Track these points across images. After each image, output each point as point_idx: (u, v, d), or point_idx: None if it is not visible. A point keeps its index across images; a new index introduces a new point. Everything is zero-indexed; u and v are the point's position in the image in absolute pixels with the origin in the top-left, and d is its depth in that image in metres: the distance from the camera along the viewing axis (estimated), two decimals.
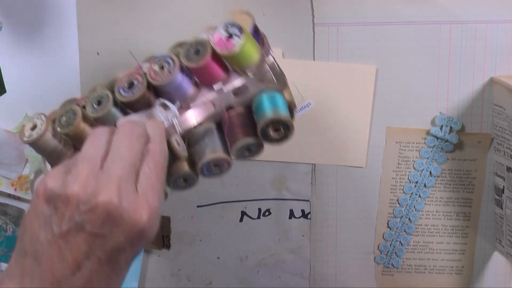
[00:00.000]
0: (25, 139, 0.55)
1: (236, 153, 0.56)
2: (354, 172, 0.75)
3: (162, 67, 0.55)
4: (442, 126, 0.74)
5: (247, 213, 0.77)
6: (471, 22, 0.71)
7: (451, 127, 0.74)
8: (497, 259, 0.78)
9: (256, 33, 0.57)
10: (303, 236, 0.78)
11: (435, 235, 0.77)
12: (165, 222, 0.77)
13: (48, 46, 0.73)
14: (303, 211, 0.77)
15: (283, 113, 0.55)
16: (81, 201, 0.46)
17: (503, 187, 0.73)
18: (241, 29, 0.54)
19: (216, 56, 0.55)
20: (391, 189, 0.76)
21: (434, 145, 0.74)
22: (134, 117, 0.55)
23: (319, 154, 0.75)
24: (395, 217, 0.77)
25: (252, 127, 0.56)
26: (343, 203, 0.76)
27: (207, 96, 0.56)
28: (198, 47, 0.55)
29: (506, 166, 0.72)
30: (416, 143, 0.75)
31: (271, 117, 0.54)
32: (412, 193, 0.76)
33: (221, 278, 0.79)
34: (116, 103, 0.55)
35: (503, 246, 0.75)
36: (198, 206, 0.77)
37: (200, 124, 0.56)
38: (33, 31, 0.73)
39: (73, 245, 0.46)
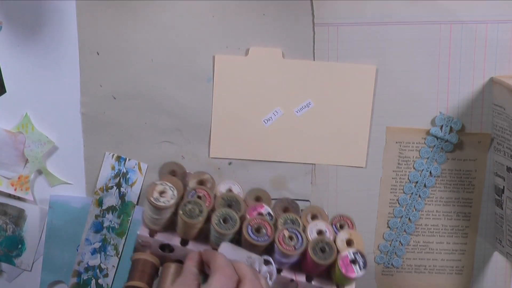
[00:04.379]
0: (151, 199, 0.62)
1: None
2: (354, 172, 0.75)
3: (291, 238, 0.63)
4: (442, 126, 0.74)
5: None
6: (471, 22, 0.71)
7: (451, 127, 0.74)
8: (497, 259, 0.78)
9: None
10: None
11: (435, 235, 0.77)
12: None
13: (48, 46, 0.73)
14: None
15: None
16: None
17: (503, 187, 0.73)
18: (365, 264, 0.63)
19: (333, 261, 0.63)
20: (391, 189, 0.76)
21: (434, 145, 0.74)
22: (238, 253, 0.62)
23: (319, 154, 0.75)
24: (395, 217, 0.77)
25: None
26: (343, 203, 0.76)
27: (298, 278, 0.65)
28: (325, 246, 0.63)
29: (506, 166, 0.72)
30: (416, 143, 0.75)
31: None
32: (412, 193, 0.76)
33: None
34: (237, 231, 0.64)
35: (503, 246, 0.75)
36: None
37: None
38: (33, 31, 0.73)
39: None
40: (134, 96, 0.74)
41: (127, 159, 0.75)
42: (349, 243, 0.65)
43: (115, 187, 0.76)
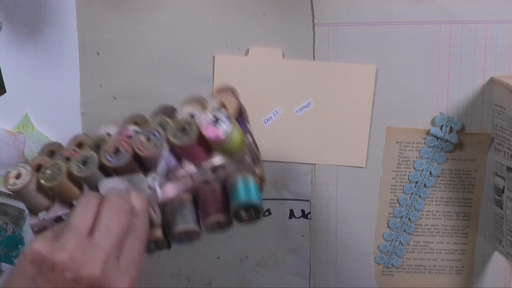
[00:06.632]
0: (9, 186, 0.58)
1: (207, 227, 0.59)
2: (354, 172, 0.75)
3: (148, 139, 0.58)
4: (442, 126, 0.74)
5: None
6: (471, 22, 0.71)
7: (451, 127, 0.74)
8: (497, 259, 0.78)
9: (240, 114, 0.60)
10: (303, 236, 0.78)
11: (435, 235, 0.77)
12: None
13: (48, 46, 0.73)
14: (303, 211, 0.77)
15: (255, 198, 0.57)
16: (66, 269, 0.49)
17: (503, 187, 0.73)
18: (229, 117, 0.56)
19: (201, 137, 0.57)
20: (391, 189, 0.76)
21: (434, 145, 0.74)
22: (118, 183, 0.58)
23: (319, 154, 0.75)
24: (395, 217, 0.77)
25: (224, 204, 0.58)
26: (343, 203, 0.76)
27: (187, 170, 0.59)
28: (185, 126, 0.57)
29: (506, 166, 0.72)
30: (416, 143, 0.75)
31: (244, 202, 0.57)
32: (412, 193, 0.76)
33: (221, 278, 0.79)
34: (100, 166, 0.58)
35: (503, 246, 0.75)
36: None
37: (176, 195, 0.59)
38: (33, 31, 0.73)
39: None
40: (134, 96, 0.73)
41: None
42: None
43: None
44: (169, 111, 0.63)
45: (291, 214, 0.77)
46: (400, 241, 0.77)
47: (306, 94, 0.73)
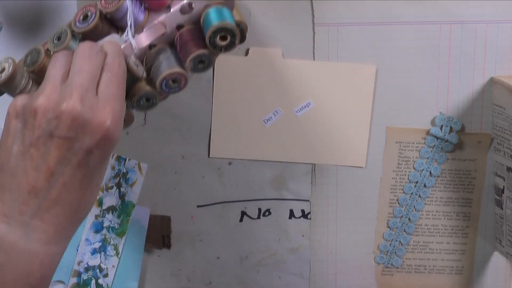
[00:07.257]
0: None
1: (191, 66, 0.59)
2: (354, 172, 0.75)
3: None
4: (442, 126, 0.74)
5: (247, 213, 0.77)
6: (471, 22, 0.71)
7: (451, 127, 0.74)
8: (497, 259, 0.78)
9: None
10: (303, 236, 0.78)
11: (435, 235, 0.77)
12: (165, 222, 0.77)
13: None
14: (303, 211, 0.77)
15: (229, 21, 0.58)
16: (47, 110, 0.50)
17: (503, 187, 0.73)
18: None
19: None
20: (391, 189, 0.76)
21: (434, 145, 0.74)
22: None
23: (319, 154, 0.75)
24: (395, 217, 0.77)
25: (202, 40, 0.58)
26: (343, 203, 0.76)
27: (157, 18, 0.60)
28: None
29: (506, 166, 0.72)
30: (416, 143, 0.75)
31: (217, 25, 0.57)
32: (412, 193, 0.76)
33: (221, 278, 0.79)
34: (74, 37, 0.59)
35: (503, 246, 0.75)
36: (198, 206, 0.77)
37: (154, 45, 0.59)
38: (33, 31, 0.73)
39: (44, 152, 0.50)
40: None
41: (127, 159, 0.75)
42: None
43: (115, 187, 0.76)
44: None
45: (291, 214, 0.77)
46: (400, 241, 0.77)
47: (306, 94, 0.73)
